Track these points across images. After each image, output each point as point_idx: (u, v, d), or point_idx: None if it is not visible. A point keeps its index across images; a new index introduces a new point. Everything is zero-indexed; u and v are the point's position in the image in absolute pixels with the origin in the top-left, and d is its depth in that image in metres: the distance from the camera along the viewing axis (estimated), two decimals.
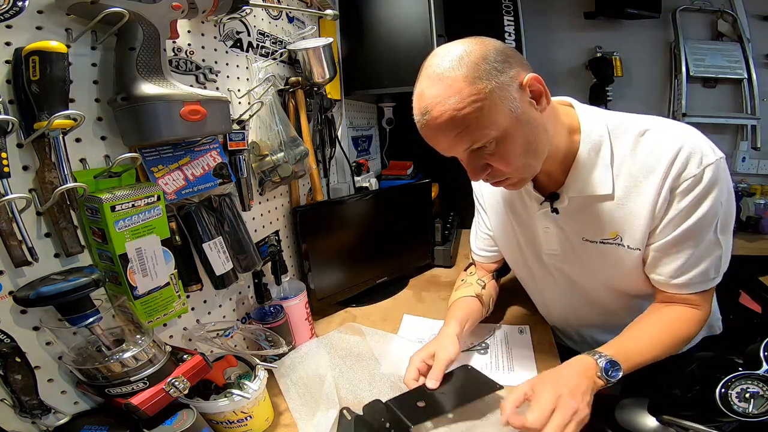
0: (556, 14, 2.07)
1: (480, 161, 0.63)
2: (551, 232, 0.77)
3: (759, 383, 0.56)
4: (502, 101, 0.57)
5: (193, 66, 0.73)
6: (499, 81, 0.57)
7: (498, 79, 0.57)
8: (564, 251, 0.78)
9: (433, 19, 1.21)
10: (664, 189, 0.63)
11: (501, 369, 0.79)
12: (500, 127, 0.58)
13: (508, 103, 0.58)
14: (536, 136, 0.62)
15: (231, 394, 0.63)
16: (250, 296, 0.90)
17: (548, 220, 0.76)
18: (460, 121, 0.57)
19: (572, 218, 0.73)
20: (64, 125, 0.48)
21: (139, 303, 0.58)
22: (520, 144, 0.61)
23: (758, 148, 1.96)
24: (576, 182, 0.69)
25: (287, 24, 1.05)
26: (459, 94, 0.56)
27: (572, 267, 0.79)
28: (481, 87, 0.56)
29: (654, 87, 2.08)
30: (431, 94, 0.58)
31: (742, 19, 1.92)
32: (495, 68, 0.57)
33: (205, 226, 0.70)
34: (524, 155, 0.62)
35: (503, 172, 0.64)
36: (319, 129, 1.11)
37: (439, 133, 0.60)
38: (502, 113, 0.58)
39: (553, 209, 0.74)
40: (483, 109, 0.56)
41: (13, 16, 0.47)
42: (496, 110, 0.57)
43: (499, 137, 0.59)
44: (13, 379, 0.45)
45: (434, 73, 0.58)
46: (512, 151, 0.61)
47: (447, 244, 1.35)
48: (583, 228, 0.73)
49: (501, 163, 0.62)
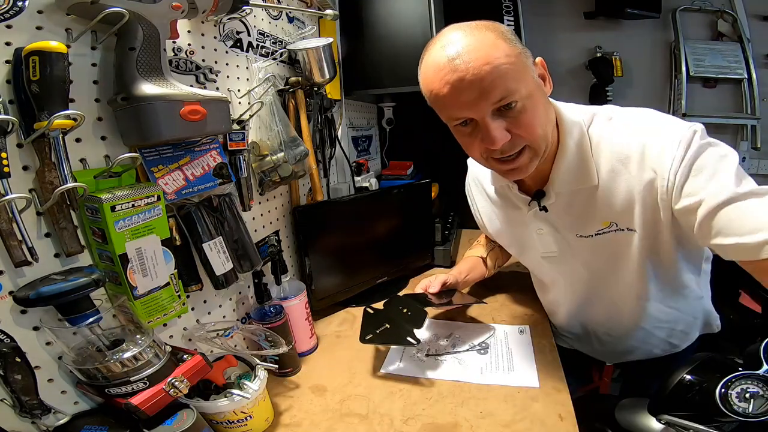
0: (556, 14, 2.07)
1: (502, 124, 0.60)
2: (545, 233, 0.77)
3: (759, 383, 0.56)
4: (527, 68, 0.60)
5: (193, 66, 0.73)
6: (525, 53, 0.60)
7: (524, 50, 0.60)
8: (561, 251, 0.78)
9: (433, 19, 1.21)
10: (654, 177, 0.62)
11: (501, 369, 0.79)
12: (528, 89, 0.59)
13: (531, 71, 0.61)
14: (548, 112, 0.65)
15: (231, 394, 0.63)
16: (250, 296, 0.90)
17: (540, 221, 0.76)
18: (496, 69, 0.55)
19: (563, 214, 0.73)
20: (64, 125, 0.48)
21: (139, 303, 0.58)
22: (541, 110, 0.62)
23: (758, 148, 1.96)
24: (560, 177, 0.69)
25: (287, 24, 1.05)
26: (495, 46, 0.57)
27: (572, 265, 0.79)
28: (514, 47, 0.58)
29: (654, 87, 2.08)
30: (465, 43, 0.57)
31: (742, 19, 1.92)
32: (520, 42, 0.60)
33: (205, 226, 0.70)
34: (543, 126, 0.63)
35: (523, 139, 0.61)
36: (319, 129, 1.11)
37: (471, 83, 0.56)
38: (530, 77, 0.60)
39: (542, 207, 0.73)
40: (517, 64, 0.58)
41: (13, 16, 0.47)
42: (525, 72, 0.59)
43: (526, 98, 0.59)
44: (13, 379, 0.45)
45: (461, 31, 0.58)
46: (536, 116, 0.61)
47: (447, 244, 1.35)
48: (576, 223, 0.72)
49: (523, 129, 0.60)
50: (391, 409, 0.71)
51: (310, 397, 0.76)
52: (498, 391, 0.73)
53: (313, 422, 0.70)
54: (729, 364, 0.61)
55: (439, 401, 0.72)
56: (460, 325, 0.97)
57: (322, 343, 0.95)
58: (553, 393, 0.71)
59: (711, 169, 0.57)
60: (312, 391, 0.78)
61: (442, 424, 0.67)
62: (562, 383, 0.73)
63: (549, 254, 0.80)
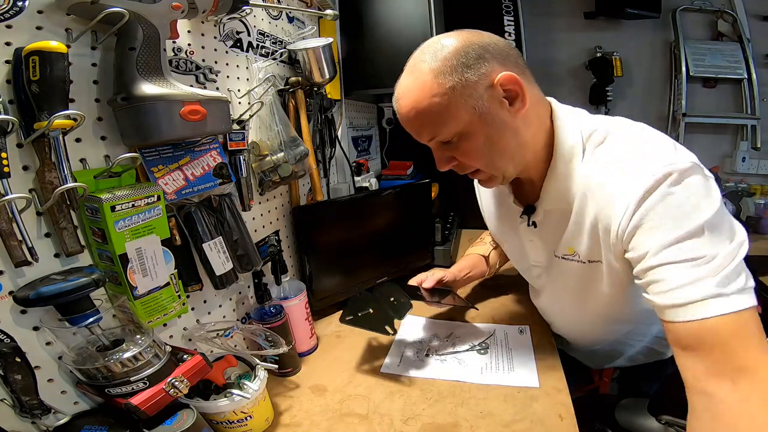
0: (556, 14, 2.08)
1: (446, 153, 0.65)
2: (536, 245, 0.77)
3: None
4: (465, 98, 0.57)
5: (193, 66, 0.73)
6: (464, 78, 0.56)
7: (464, 75, 0.56)
8: (548, 264, 0.77)
9: (433, 19, 1.21)
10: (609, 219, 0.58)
11: (501, 369, 0.79)
12: (461, 124, 0.59)
13: (471, 100, 0.57)
14: (501, 138, 0.60)
15: (231, 394, 0.63)
16: (250, 296, 0.90)
17: (530, 233, 0.76)
18: (421, 114, 0.59)
19: (548, 232, 0.72)
20: (64, 125, 0.48)
21: (139, 303, 0.58)
22: (481, 142, 0.61)
23: (758, 148, 1.96)
24: (549, 194, 0.67)
25: (287, 24, 1.05)
26: (422, 89, 0.58)
27: (553, 282, 0.80)
28: (443, 82, 0.57)
29: (654, 87, 2.09)
30: (402, 84, 0.61)
31: (742, 19, 1.92)
32: (464, 64, 0.56)
33: (205, 226, 0.70)
34: (488, 154, 0.62)
35: (468, 165, 0.65)
36: (319, 129, 1.11)
37: (406, 122, 0.63)
38: (464, 110, 0.58)
39: (531, 222, 0.73)
40: (442, 104, 0.57)
41: (13, 16, 0.47)
42: (456, 107, 0.58)
43: (461, 133, 0.60)
44: (13, 379, 0.45)
45: (411, 63, 0.61)
46: (474, 148, 0.62)
47: (447, 244, 1.35)
48: (555, 242, 0.71)
49: (464, 158, 0.64)
50: (391, 409, 0.71)
51: (310, 397, 0.76)
52: (498, 391, 0.73)
53: (313, 422, 0.70)
54: None
55: (439, 401, 0.72)
56: (460, 325, 0.97)
57: (322, 343, 0.95)
58: (553, 393, 0.71)
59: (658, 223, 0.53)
60: (312, 391, 0.78)
61: (442, 424, 0.67)
62: (562, 383, 0.73)
63: (537, 264, 0.80)
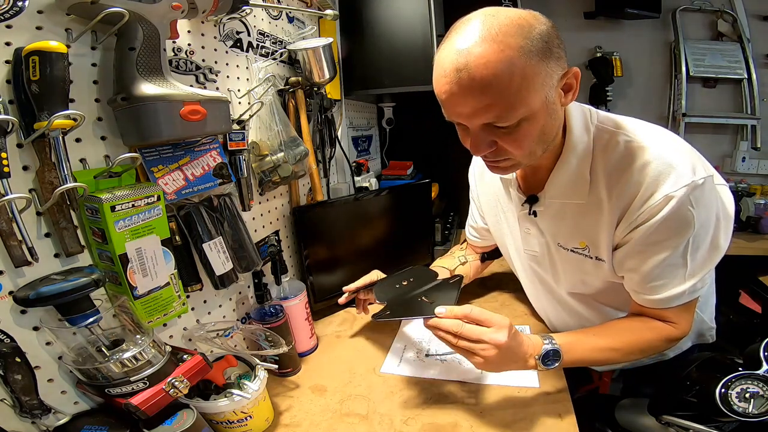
0: (556, 14, 2.07)
1: (489, 137, 0.58)
2: (532, 234, 0.78)
3: (759, 383, 0.56)
4: (543, 87, 0.54)
5: (193, 66, 0.73)
6: (549, 66, 0.53)
7: (549, 63, 0.53)
8: (542, 253, 0.78)
9: (433, 19, 1.21)
10: (627, 211, 0.62)
11: None
12: (531, 109, 0.54)
13: (545, 89, 0.54)
14: (552, 128, 0.60)
15: (231, 394, 0.63)
16: (250, 296, 0.90)
17: (529, 222, 0.77)
18: (499, 91, 0.51)
19: (550, 222, 0.73)
20: (64, 125, 0.48)
21: (139, 303, 0.58)
22: (537, 131, 0.58)
23: (758, 148, 1.96)
24: (555, 186, 0.69)
25: (287, 24, 1.05)
26: (510, 62, 0.50)
27: (546, 271, 0.81)
28: (533, 64, 0.51)
29: (654, 87, 2.08)
30: (477, 51, 0.50)
31: (742, 19, 1.92)
32: (548, 50, 0.53)
33: (205, 226, 0.70)
34: (536, 142, 0.59)
35: (509, 153, 0.60)
36: (319, 129, 1.11)
37: (470, 95, 0.53)
38: (538, 97, 0.54)
39: (532, 212, 0.74)
40: (523, 86, 0.52)
41: (13, 16, 0.47)
42: (535, 93, 0.53)
43: (523, 119, 0.55)
44: (13, 379, 0.45)
45: (486, 30, 0.51)
46: (528, 136, 0.57)
47: (447, 244, 1.35)
48: (559, 233, 0.73)
49: (512, 145, 0.58)
50: (391, 409, 0.71)
51: (310, 397, 0.76)
52: (498, 391, 0.74)
53: (313, 422, 0.70)
54: (729, 364, 0.61)
55: (439, 401, 0.72)
56: None
57: (322, 343, 0.95)
58: (553, 393, 0.71)
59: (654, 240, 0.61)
60: (312, 391, 0.78)
61: (442, 424, 0.67)
62: (562, 383, 0.73)
63: (530, 252, 0.81)
